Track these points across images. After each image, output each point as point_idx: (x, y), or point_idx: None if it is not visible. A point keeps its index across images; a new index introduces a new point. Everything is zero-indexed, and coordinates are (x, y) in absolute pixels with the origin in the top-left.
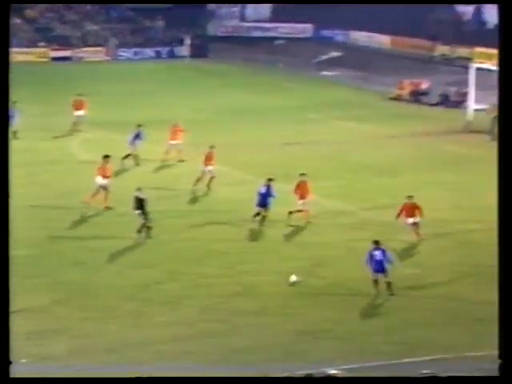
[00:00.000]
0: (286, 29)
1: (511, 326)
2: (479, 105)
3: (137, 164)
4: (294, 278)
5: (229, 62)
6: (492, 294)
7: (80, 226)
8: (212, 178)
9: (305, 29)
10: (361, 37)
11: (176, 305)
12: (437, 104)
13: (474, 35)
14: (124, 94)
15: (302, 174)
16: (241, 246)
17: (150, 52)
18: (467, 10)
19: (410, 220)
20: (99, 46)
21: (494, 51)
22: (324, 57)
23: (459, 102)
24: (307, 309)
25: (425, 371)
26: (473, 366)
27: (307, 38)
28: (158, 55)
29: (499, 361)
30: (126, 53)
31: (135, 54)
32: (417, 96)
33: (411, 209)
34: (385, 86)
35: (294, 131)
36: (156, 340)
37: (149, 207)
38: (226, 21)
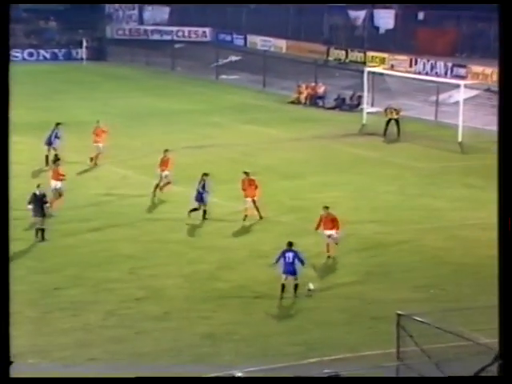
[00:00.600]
0: (185, 32)
1: (511, 326)
2: (373, 108)
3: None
4: (310, 285)
5: (129, 66)
6: (392, 293)
7: None
8: (168, 183)
9: (204, 32)
10: (258, 41)
11: (79, 310)
12: (333, 108)
13: (367, 40)
14: (21, 95)
15: (246, 173)
16: (145, 250)
17: (45, 54)
18: (359, 14)
19: (328, 232)
20: None
21: (386, 55)
22: (223, 60)
23: (355, 106)
24: (212, 312)
25: (327, 371)
26: (372, 363)
27: (206, 42)
28: (55, 57)
29: (500, 361)
30: (19, 53)
31: (30, 55)
32: (314, 100)
33: (329, 221)
34: (283, 90)
35: (197, 135)
36: (59, 347)
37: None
38: (124, 24)
